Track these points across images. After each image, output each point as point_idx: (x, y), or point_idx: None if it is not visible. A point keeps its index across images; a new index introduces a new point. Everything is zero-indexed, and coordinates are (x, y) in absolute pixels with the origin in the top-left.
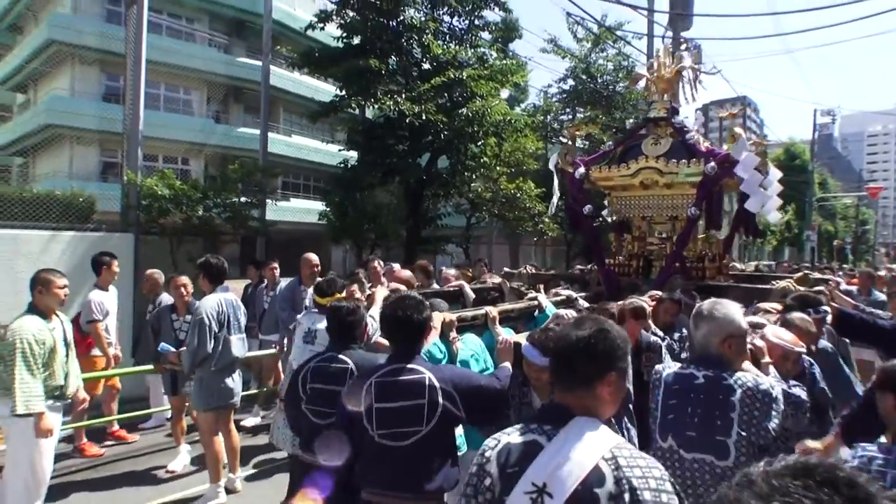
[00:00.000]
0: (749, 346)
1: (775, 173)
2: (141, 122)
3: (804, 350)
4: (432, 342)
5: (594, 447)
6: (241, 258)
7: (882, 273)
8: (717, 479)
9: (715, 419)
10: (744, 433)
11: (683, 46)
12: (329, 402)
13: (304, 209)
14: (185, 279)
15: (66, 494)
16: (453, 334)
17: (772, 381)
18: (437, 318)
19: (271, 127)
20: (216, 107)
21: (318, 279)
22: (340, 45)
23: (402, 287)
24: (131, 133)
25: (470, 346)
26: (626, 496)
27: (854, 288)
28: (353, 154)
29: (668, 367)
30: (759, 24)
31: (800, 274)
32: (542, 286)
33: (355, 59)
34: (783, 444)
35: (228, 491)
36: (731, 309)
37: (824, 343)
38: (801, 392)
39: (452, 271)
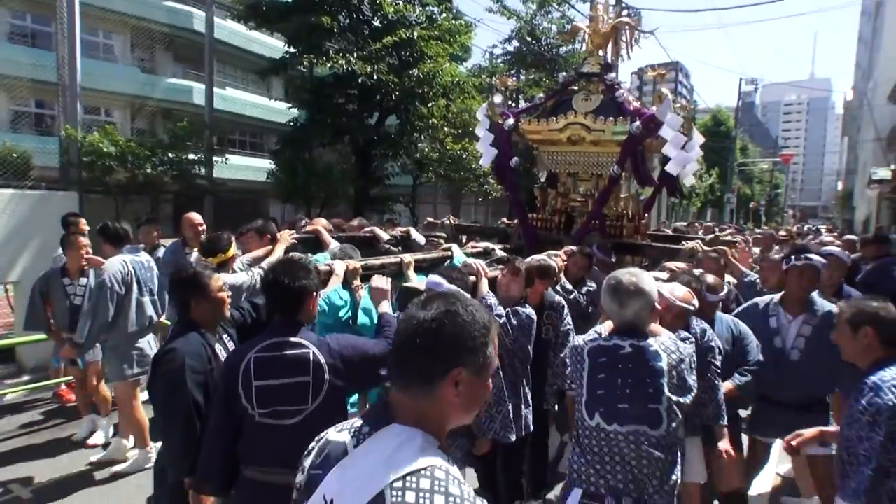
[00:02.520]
0: None
1: (698, 138)
2: (79, 73)
3: (692, 308)
4: (332, 289)
5: (388, 467)
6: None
7: (783, 233)
8: (648, 451)
9: (647, 387)
10: (673, 397)
11: (625, 12)
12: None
13: (241, 166)
14: (86, 240)
15: None
16: (357, 282)
17: (677, 340)
18: (340, 266)
19: (203, 78)
20: (142, 54)
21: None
22: None
23: (320, 228)
24: (69, 84)
25: None
26: None
27: (758, 249)
28: (295, 111)
29: (587, 339)
30: None
31: (711, 235)
32: (463, 237)
33: (304, 14)
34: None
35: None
36: (649, 280)
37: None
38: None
39: None
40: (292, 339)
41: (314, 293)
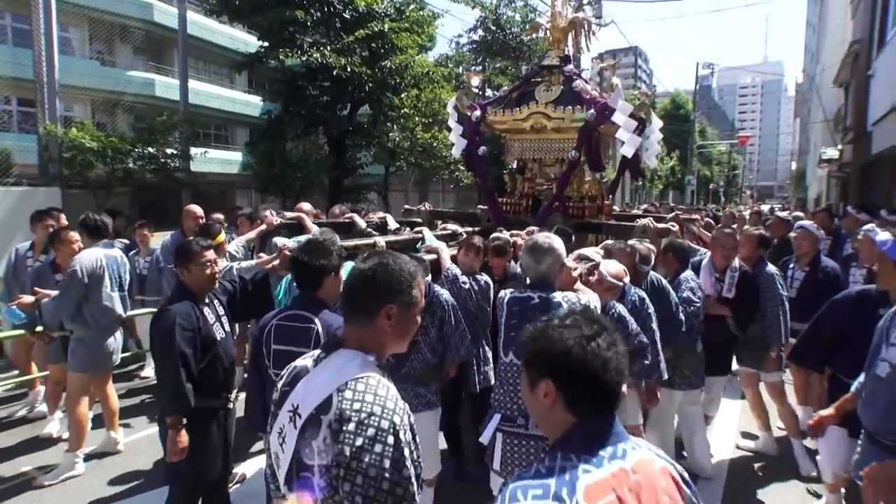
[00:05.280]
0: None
1: (657, 123)
2: (57, 70)
3: (618, 284)
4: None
5: (336, 377)
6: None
7: (746, 213)
8: None
9: None
10: None
11: (586, 0)
12: None
13: (208, 159)
14: (76, 234)
15: None
16: None
17: (592, 300)
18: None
19: (164, 70)
20: (99, 47)
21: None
22: None
23: (303, 216)
24: (47, 81)
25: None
26: (336, 425)
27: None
28: (263, 103)
29: (507, 292)
30: None
31: (672, 214)
32: (438, 222)
33: (278, 8)
34: None
35: (108, 453)
36: (559, 241)
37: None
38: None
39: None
40: (304, 314)
41: (332, 273)
